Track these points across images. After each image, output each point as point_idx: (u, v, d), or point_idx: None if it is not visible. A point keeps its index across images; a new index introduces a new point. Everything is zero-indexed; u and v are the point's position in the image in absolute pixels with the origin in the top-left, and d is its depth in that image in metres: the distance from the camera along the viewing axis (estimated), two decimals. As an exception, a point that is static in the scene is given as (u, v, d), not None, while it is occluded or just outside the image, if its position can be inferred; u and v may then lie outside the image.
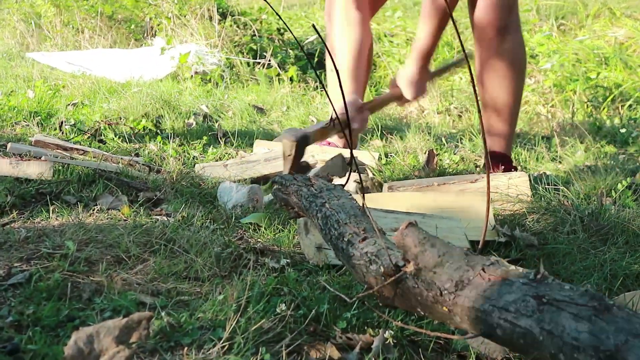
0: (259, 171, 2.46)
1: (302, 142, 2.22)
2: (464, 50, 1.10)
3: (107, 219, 1.82)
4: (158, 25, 6.31)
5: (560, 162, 2.95)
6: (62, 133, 3.02)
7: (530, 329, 0.87)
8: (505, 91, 2.49)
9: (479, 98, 2.64)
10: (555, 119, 4.04)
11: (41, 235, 1.62)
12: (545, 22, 5.80)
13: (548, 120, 4.00)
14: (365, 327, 1.26)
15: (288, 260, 1.61)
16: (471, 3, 2.41)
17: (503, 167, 2.55)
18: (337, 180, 2.18)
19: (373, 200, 1.92)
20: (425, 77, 2.50)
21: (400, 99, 2.56)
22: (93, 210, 1.91)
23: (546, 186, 2.39)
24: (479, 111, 1.13)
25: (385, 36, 5.82)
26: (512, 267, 0.98)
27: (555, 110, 4.25)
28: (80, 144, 2.77)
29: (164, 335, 1.15)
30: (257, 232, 1.86)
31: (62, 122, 3.13)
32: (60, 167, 2.23)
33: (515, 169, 2.61)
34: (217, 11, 5.89)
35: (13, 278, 1.37)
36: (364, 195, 1.41)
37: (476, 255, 1.04)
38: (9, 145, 2.48)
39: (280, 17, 1.45)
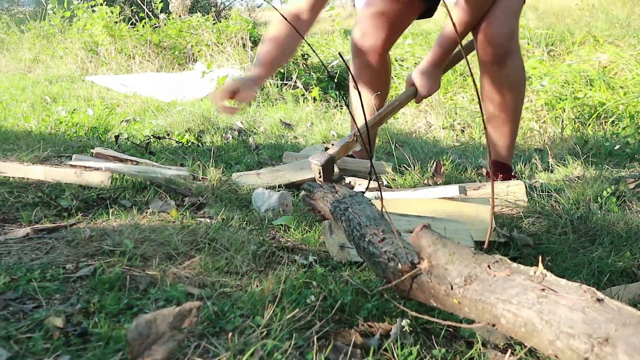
0: (288, 179, 2.46)
1: (329, 164, 2.18)
2: (462, 48, 1.11)
3: (158, 220, 1.83)
4: (199, 51, 6.35)
5: (552, 171, 2.93)
6: (118, 146, 3.05)
7: (530, 318, 0.87)
8: (506, 109, 2.46)
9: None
10: (547, 133, 4.01)
11: (103, 235, 1.64)
12: (537, 48, 5.76)
13: (540, 135, 3.97)
14: (384, 317, 1.26)
15: (315, 258, 1.61)
16: (474, 30, 2.38)
17: (502, 175, 2.53)
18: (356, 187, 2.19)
19: (389, 206, 1.92)
20: (439, 73, 2.42)
21: (414, 96, 2.46)
22: (146, 213, 1.92)
23: (540, 193, 2.38)
24: (484, 125, 1.14)
25: (397, 60, 5.81)
26: (515, 264, 0.98)
27: (546, 126, 4.22)
28: (133, 156, 2.80)
29: (210, 322, 1.16)
30: (287, 233, 1.86)
31: (117, 136, 3.16)
32: (117, 176, 2.26)
33: (515, 178, 2.59)
34: (250, 39, 5.92)
35: (80, 271, 1.39)
36: (382, 201, 1.41)
37: (482, 254, 1.04)
38: (73, 156, 2.51)
39: (308, 44, 1.45)
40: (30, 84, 5.57)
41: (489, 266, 0.99)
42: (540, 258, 0.97)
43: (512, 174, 2.63)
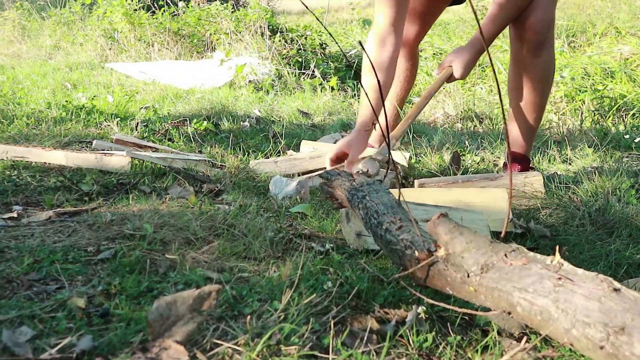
0: (305, 167, 2.47)
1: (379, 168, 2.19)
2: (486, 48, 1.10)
3: (177, 206, 1.85)
4: (217, 40, 6.36)
5: (570, 163, 2.91)
6: (137, 132, 3.07)
7: (546, 307, 0.88)
8: (533, 100, 2.43)
9: (505, 103, 2.61)
10: (566, 125, 3.97)
11: (123, 219, 1.66)
12: (557, 40, 5.70)
13: (559, 127, 3.93)
14: (400, 304, 1.27)
15: (332, 245, 1.62)
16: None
17: (520, 167, 2.52)
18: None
19: (406, 195, 1.92)
20: (475, 59, 2.41)
21: (449, 77, 2.46)
22: (165, 198, 1.95)
23: (558, 185, 2.37)
24: (504, 116, 1.14)
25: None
26: (531, 253, 0.98)
27: (565, 118, 4.18)
28: (153, 142, 2.82)
29: (229, 306, 1.18)
30: (304, 220, 1.87)
31: (137, 123, 3.18)
32: (137, 162, 2.28)
33: (533, 169, 2.57)
34: (268, 28, 5.92)
35: (101, 254, 1.42)
36: (400, 190, 1.42)
37: (499, 242, 1.04)
38: (94, 142, 2.54)
39: (328, 32, 1.47)
40: (51, 71, 5.61)
41: (505, 255, 1.00)
42: (557, 248, 0.97)
43: (530, 165, 2.62)
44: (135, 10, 6.68)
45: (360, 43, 1.18)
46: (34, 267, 1.32)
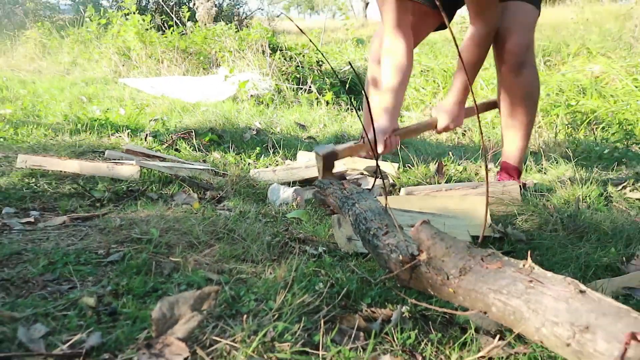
0: (301, 176, 2.47)
1: (330, 157, 2.15)
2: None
3: (182, 212, 1.84)
4: (222, 57, 6.37)
5: (545, 173, 2.92)
6: (147, 143, 3.07)
7: (519, 307, 0.88)
8: (521, 115, 2.41)
9: (500, 118, 2.57)
10: (542, 137, 3.99)
11: (131, 224, 1.66)
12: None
13: (535, 139, 3.95)
14: (386, 303, 1.26)
15: (324, 248, 1.62)
16: (495, 41, 2.35)
17: (511, 177, 2.49)
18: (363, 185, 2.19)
19: (393, 202, 1.93)
20: (460, 109, 2.39)
21: (434, 126, 2.42)
22: (171, 205, 1.95)
23: (533, 193, 2.37)
24: (480, 131, 1.14)
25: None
26: (506, 257, 0.98)
27: (541, 130, 4.19)
28: (161, 152, 2.82)
29: (227, 305, 1.18)
30: (299, 225, 1.87)
31: (146, 135, 3.18)
32: (145, 170, 2.28)
33: (524, 185, 2.53)
34: (269, 46, 5.93)
35: (111, 256, 1.41)
36: (387, 198, 1.42)
37: (476, 247, 1.04)
38: (106, 152, 2.54)
39: (321, 53, 1.47)
40: (68, 85, 5.61)
41: (482, 259, 1.00)
42: (529, 252, 0.97)
43: (519, 176, 2.58)
44: (147, 29, 6.68)
45: (350, 63, 1.18)
46: (49, 268, 1.32)
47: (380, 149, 2.18)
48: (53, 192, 2.01)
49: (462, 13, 6.58)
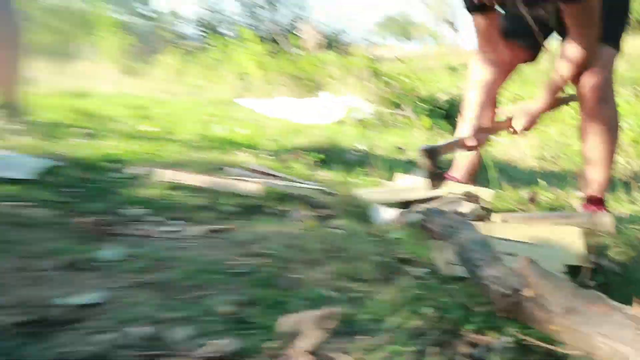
0: (403, 197, 2.47)
1: (432, 152, 2.23)
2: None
3: (298, 229, 1.89)
4: (326, 82, 6.49)
5: (635, 203, 2.74)
6: (264, 160, 3.18)
7: (627, 354, 0.84)
8: (601, 148, 2.37)
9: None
10: (631, 167, 3.75)
11: (255, 238, 1.71)
12: (624, 89, 5.41)
13: (626, 169, 3.71)
14: (489, 331, 1.24)
15: (428, 270, 1.59)
16: (576, 80, 2.32)
17: (594, 207, 2.41)
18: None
19: (490, 230, 1.89)
20: (538, 117, 2.38)
21: (509, 126, 2.43)
22: (287, 221, 2.00)
23: (627, 225, 2.23)
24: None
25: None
26: (614, 302, 0.95)
27: (632, 160, 3.95)
28: (274, 170, 2.92)
29: (342, 323, 1.20)
30: (401, 246, 1.86)
31: (264, 153, 3.30)
32: (266, 188, 2.37)
33: (606, 210, 2.45)
34: (370, 73, 5.98)
35: (239, 268, 1.48)
36: (485, 228, 1.40)
37: (582, 289, 1.01)
38: (232, 169, 2.66)
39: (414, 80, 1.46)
40: (194, 106, 5.92)
41: (588, 300, 0.97)
42: (635, 300, 0.92)
43: (604, 206, 2.48)
44: (263, 55, 6.94)
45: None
46: (190, 275, 1.40)
47: (473, 142, 2.30)
48: (189, 204, 2.14)
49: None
